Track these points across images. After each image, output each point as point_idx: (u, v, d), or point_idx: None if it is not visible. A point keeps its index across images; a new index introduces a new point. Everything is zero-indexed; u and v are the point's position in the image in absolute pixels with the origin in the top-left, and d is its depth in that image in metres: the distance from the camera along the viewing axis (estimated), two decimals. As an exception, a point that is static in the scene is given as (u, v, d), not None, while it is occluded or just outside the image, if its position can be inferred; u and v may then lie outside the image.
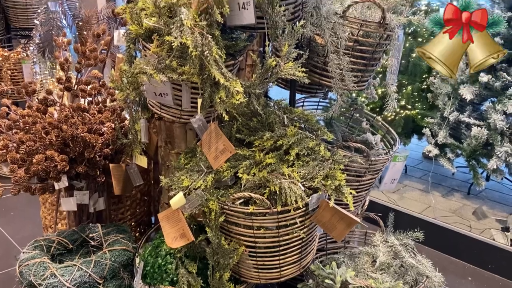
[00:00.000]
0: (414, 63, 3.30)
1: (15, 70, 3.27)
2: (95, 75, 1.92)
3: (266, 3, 1.40)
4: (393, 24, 1.57)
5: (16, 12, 3.40)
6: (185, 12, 1.35)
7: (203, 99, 1.43)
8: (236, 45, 1.59)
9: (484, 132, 2.94)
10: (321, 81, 1.73)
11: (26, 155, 1.56)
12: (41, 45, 3.23)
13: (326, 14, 1.56)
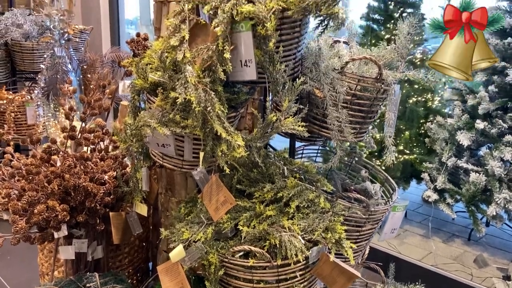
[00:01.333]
0: (411, 108, 3.36)
1: (18, 113, 3.32)
2: (99, 123, 1.96)
3: (267, 61, 1.45)
4: (389, 80, 1.62)
5: (23, 56, 3.49)
6: (190, 70, 1.39)
7: (205, 152, 1.46)
8: (237, 98, 1.64)
9: (482, 178, 2.96)
10: (320, 132, 1.76)
11: (27, 205, 1.56)
12: (46, 88, 3.30)
13: (324, 69, 1.62)
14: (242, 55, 1.46)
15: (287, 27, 1.51)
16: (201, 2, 1.51)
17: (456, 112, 3.25)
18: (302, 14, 1.45)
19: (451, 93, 3.36)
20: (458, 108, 3.26)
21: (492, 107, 3.00)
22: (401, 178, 3.35)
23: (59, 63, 3.36)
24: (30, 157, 1.74)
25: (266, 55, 1.44)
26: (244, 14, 1.39)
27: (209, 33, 1.50)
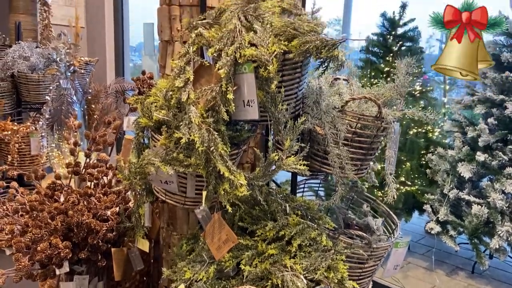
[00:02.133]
0: (411, 140, 3.39)
1: (22, 143, 3.35)
2: (103, 158, 1.98)
3: (269, 102, 1.48)
4: (389, 119, 1.65)
5: (28, 88, 3.55)
6: (194, 110, 1.43)
7: (208, 191, 1.47)
8: (240, 136, 1.66)
9: (484, 211, 2.95)
10: (321, 169, 1.78)
11: (31, 242, 1.57)
12: (50, 119, 3.34)
13: (325, 108, 1.65)
14: (244, 95, 1.50)
15: (288, 68, 1.55)
16: (206, 44, 1.56)
17: (456, 143, 3.28)
18: (303, 57, 1.49)
19: (451, 125, 3.39)
20: (458, 140, 3.28)
21: (492, 139, 3.02)
22: (403, 210, 3.34)
23: (64, 95, 3.41)
24: (35, 193, 1.76)
25: (268, 95, 1.48)
26: (247, 57, 1.43)
27: (213, 74, 1.54)
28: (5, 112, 3.57)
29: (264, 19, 1.55)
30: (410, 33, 3.47)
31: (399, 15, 3.47)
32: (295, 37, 1.48)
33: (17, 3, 3.59)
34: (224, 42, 1.48)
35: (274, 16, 1.59)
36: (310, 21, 1.58)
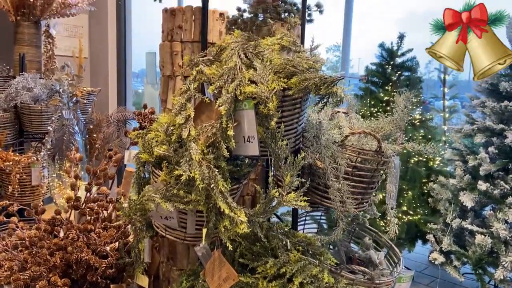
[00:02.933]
0: (412, 169, 3.38)
1: (23, 174, 3.35)
2: (103, 192, 1.98)
3: (269, 138, 1.49)
4: (389, 153, 1.65)
5: (31, 118, 3.57)
6: (194, 147, 1.44)
7: (208, 228, 1.46)
8: (240, 171, 1.67)
9: (488, 241, 2.92)
10: (322, 203, 1.77)
11: (30, 280, 1.55)
12: (52, 150, 3.36)
13: (325, 142, 1.66)
14: (245, 132, 1.51)
15: (288, 104, 1.57)
16: (206, 81, 1.58)
17: (457, 172, 3.27)
18: (303, 94, 1.51)
19: (451, 153, 3.39)
20: (459, 168, 3.28)
21: (493, 168, 3.01)
22: (406, 240, 3.30)
23: (66, 125, 3.44)
24: (34, 228, 1.75)
25: (268, 132, 1.49)
26: (247, 94, 1.45)
27: (214, 110, 1.55)
28: (7, 143, 3.59)
29: (264, 57, 1.58)
30: (408, 63, 3.51)
31: (397, 45, 3.53)
32: (294, 74, 1.51)
33: (22, 35, 3.65)
34: (225, 79, 1.50)
35: (274, 53, 1.62)
36: (309, 58, 1.61)
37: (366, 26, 16.43)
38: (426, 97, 4.04)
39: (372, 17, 14.10)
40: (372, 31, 13.75)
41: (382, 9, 12.34)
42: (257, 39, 1.68)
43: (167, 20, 1.99)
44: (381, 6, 10.35)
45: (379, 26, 12.23)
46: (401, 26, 13.42)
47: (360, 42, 7.91)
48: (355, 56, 11.74)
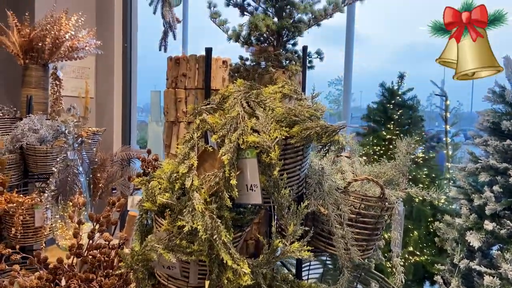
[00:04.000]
0: (417, 208, 3.35)
1: (27, 215, 3.34)
2: (106, 238, 1.97)
3: (272, 187, 1.50)
4: (392, 199, 1.65)
5: (36, 159, 3.61)
6: (197, 197, 1.44)
7: (211, 280, 1.45)
8: (243, 218, 1.66)
9: (496, 282, 2.85)
10: (326, 249, 1.75)
11: (28, 333, 1.53)
12: (56, 191, 3.36)
13: (328, 189, 1.66)
14: (248, 180, 1.52)
15: (290, 152, 1.58)
16: (209, 129, 1.60)
17: (463, 211, 3.23)
18: (305, 143, 1.53)
19: (456, 192, 3.36)
20: (465, 207, 3.24)
21: (498, 207, 2.98)
22: (414, 281, 3.23)
23: (71, 166, 3.46)
24: (36, 277, 1.73)
25: (271, 180, 1.50)
26: (249, 143, 1.46)
27: (217, 158, 1.57)
28: (11, 184, 3.61)
29: (266, 105, 1.60)
30: (409, 102, 3.55)
31: (397, 84, 3.58)
32: (296, 123, 1.53)
33: (30, 78, 3.74)
34: (228, 129, 1.53)
35: (276, 101, 1.65)
36: (310, 106, 1.63)
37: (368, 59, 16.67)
38: (428, 129, 4.06)
39: (373, 50, 14.37)
40: (373, 63, 14.02)
41: (383, 42, 12.64)
42: (259, 87, 1.72)
43: (171, 68, 2.04)
44: (382, 39, 10.63)
45: (380, 58, 12.53)
46: (401, 58, 13.53)
47: (361, 75, 8.03)
48: (356, 89, 11.82)
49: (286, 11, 1.96)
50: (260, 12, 1.96)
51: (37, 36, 3.65)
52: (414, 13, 15.21)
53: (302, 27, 1.91)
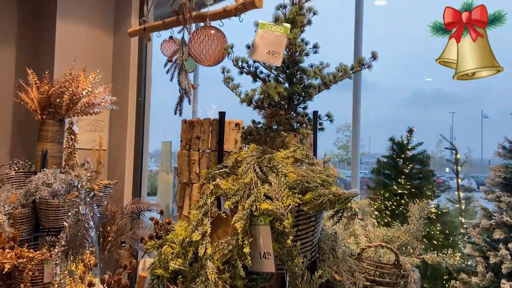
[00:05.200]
0: (433, 266, 3.27)
1: (36, 270, 3.32)
2: (116, 301, 1.94)
3: (285, 254, 1.49)
4: (407, 267, 1.63)
5: (48, 213, 3.63)
6: (210, 266, 1.44)
7: None
8: (256, 285, 1.64)
9: None
10: (341, 318, 1.71)
11: None
12: (66, 246, 3.35)
13: (342, 255, 1.65)
14: (260, 247, 1.51)
15: (303, 218, 1.58)
16: (223, 195, 1.62)
17: (479, 269, 3.14)
18: (318, 209, 1.53)
19: (471, 249, 3.29)
20: (481, 265, 3.15)
21: (516, 266, 2.90)
22: None
23: (82, 221, 3.47)
24: None
25: (285, 249, 1.49)
26: (262, 210, 1.48)
27: (230, 224, 1.58)
28: (22, 238, 3.61)
29: (279, 171, 1.63)
30: (419, 156, 3.57)
31: (406, 139, 3.61)
32: (308, 190, 1.55)
33: (46, 133, 3.84)
34: (241, 195, 1.55)
35: (288, 166, 1.67)
36: (322, 171, 1.66)
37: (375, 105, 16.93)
38: (439, 175, 4.04)
39: (380, 96, 14.54)
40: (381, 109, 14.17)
41: (390, 89, 12.93)
42: (272, 151, 1.76)
43: (186, 131, 2.10)
44: (389, 85, 10.82)
45: (388, 104, 12.69)
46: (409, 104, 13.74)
47: (369, 121, 8.10)
48: (365, 135, 11.82)
49: (296, 77, 2.03)
50: (272, 78, 2.04)
51: (55, 93, 3.78)
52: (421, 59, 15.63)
53: (312, 92, 1.98)
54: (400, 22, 12.99)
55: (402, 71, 14.22)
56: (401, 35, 13.93)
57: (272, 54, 1.89)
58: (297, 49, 1.98)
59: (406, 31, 14.67)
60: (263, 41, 1.89)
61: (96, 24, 4.87)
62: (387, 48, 9.35)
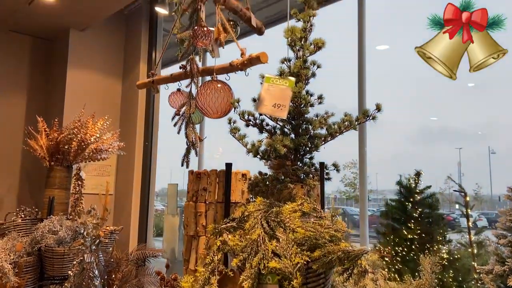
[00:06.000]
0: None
1: (39, 322, 3.24)
2: None
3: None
4: (421, 326, 1.57)
5: (53, 261, 3.59)
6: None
7: None
8: None
9: None
10: None
11: None
12: (70, 297, 3.29)
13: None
14: (269, 308, 1.48)
15: (312, 276, 1.55)
16: (230, 251, 1.60)
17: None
18: (327, 267, 1.50)
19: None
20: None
21: (534, 317, 2.79)
22: None
23: (87, 269, 3.42)
24: None
25: (294, 309, 1.45)
26: (270, 269, 1.45)
27: (237, 282, 1.55)
28: (27, 287, 3.56)
29: (286, 226, 1.61)
30: (429, 200, 3.52)
31: (414, 182, 3.58)
32: (317, 247, 1.52)
33: (53, 179, 3.86)
34: (248, 252, 1.52)
35: (296, 219, 1.66)
36: (330, 225, 1.64)
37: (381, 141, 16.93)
38: (448, 213, 3.97)
39: (386, 133, 14.55)
40: (387, 145, 14.11)
41: (396, 126, 12.99)
42: (279, 205, 1.75)
43: (192, 182, 2.10)
44: (394, 122, 10.88)
45: (394, 140, 12.73)
46: (415, 141, 13.60)
47: (375, 157, 8.09)
48: (372, 171, 11.77)
49: (302, 127, 2.05)
50: (278, 129, 2.06)
51: (64, 140, 3.83)
52: (427, 97, 15.88)
53: (318, 143, 1.99)
54: (402, 64, 13.20)
55: (408, 109, 14.32)
56: (404, 75, 14.16)
57: (277, 107, 1.91)
58: (302, 101, 2.01)
59: (409, 70, 14.87)
60: (268, 94, 1.93)
61: (105, 71, 5.01)
62: (391, 86, 9.45)
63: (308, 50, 2.07)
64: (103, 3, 4.17)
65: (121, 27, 5.15)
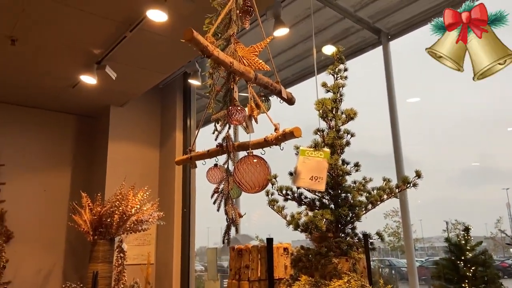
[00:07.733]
0: None
1: None
2: None
3: None
4: None
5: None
6: None
7: None
8: None
9: None
10: None
11: None
12: None
13: None
14: None
15: None
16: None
17: None
18: None
19: None
20: None
21: None
22: None
23: None
24: None
25: None
26: None
27: None
28: None
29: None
30: (481, 257, 3.32)
31: (464, 239, 3.40)
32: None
33: (97, 253, 3.93)
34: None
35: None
36: (381, 305, 1.56)
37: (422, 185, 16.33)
38: (503, 259, 3.71)
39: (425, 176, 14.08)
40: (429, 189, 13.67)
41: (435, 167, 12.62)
42: (325, 283, 1.69)
43: (234, 259, 2.09)
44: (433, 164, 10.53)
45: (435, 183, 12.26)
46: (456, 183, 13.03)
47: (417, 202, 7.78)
48: (415, 218, 11.26)
49: (341, 197, 2.02)
50: (317, 200, 2.04)
51: (106, 213, 3.93)
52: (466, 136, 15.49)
53: (359, 212, 1.95)
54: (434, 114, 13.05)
55: (447, 150, 13.93)
56: (440, 119, 13.92)
57: (315, 179, 1.91)
58: (339, 172, 2.00)
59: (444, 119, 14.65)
60: (304, 167, 1.93)
61: (143, 140, 5.21)
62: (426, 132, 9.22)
63: (340, 120, 2.09)
64: (139, 83, 4.43)
65: (157, 98, 5.41)
